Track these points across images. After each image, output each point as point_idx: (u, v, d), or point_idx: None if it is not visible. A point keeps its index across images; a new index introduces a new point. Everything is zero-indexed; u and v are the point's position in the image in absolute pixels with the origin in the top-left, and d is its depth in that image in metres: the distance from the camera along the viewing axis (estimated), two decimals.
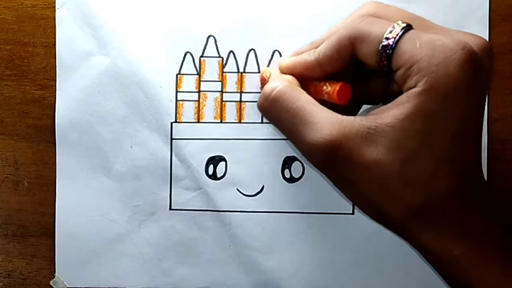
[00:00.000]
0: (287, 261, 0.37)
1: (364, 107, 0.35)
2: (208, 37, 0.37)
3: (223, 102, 0.37)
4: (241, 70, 0.37)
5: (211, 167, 0.37)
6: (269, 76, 0.35)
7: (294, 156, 0.37)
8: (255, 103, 0.37)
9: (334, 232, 0.37)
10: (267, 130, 0.37)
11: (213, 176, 0.37)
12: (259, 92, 0.37)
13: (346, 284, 0.37)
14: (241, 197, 0.37)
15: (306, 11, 0.37)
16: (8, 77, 0.39)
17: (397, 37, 0.27)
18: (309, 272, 0.37)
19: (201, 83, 0.37)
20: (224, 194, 0.37)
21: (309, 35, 0.37)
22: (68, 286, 0.38)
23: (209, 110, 0.37)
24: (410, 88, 0.26)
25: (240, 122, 0.37)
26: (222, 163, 0.37)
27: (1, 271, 0.39)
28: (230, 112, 0.37)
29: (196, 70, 0.37)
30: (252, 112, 0.37)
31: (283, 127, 0.31)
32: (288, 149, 0.37)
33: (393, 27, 0.27)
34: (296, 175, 0.37)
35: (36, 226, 0.39)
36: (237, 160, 0.37)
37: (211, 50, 0.37)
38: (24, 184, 0.39)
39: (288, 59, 0.33)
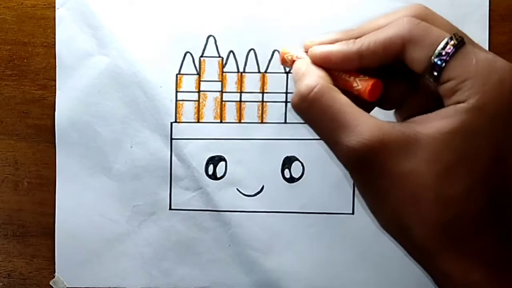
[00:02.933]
0: (287, 261, 0.37)
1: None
2: (208, 37, 0.37)
3: (223, 102, 0.37)
4: (241, 70, 0.37)
5: (211, 167, 0.37)
6: (291, 59, 0.33)
7: (294, 156, 0.37)
8: (254, 103, 0.37)
9: (334, 232, 0.37)
10: (267, 130, 0.37)
11: (213, 176, 0.37)
12: (259, 92, 0.37)
13: (346, 284, 0.37)
14: (241, 197, 0.37)
15: (306, 11, 0.37)
16: (8, 77, 0.39)
17: (454, 49, 0.26)
18: (309, 272, 0.37)
19: (201, 83, 0.37)
20: (224, 194, 0.37)
21: (309, 35, 0.37)
22: (68, 286, 0.38)
23: (209, 110, 0.37)
24: (458, 103, 0.26)
25: (240, 122, 0.37)
26: (222, 163, 0.37)
27: (1, 271, 0.39)
28: (230, 112, 0.37)
29: (196, 70, 0.37)
30: (252, 112, 0.37)
31: (319, 129, 0.30)
32: (288, 149, 0.37)
33: (451, 38, 0.27)
34: (296, 175, 0.37)
35: (36, 226, 0.39)
36: (237, 160, 0.37)
37: (211, 50, 0.37)
38: (24, 184, 0.39)
39: (322, 48, 0.30)
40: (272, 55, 0.37)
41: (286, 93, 0.37)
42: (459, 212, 0.26)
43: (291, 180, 0.37)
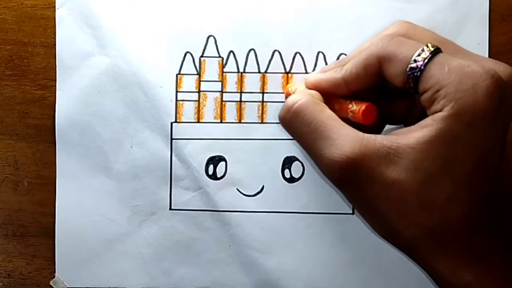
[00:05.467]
0: (287, 261, 0.37)
1: (387, 127, 0.34)
2: (208, 37, 0.37)
3: (223, 102, 0.37)
4: (241, 70, 0.37)
5: (211, 167, 0.37)
6: (295, 91, 0.34)
7: (294, 156, 0.37)
8: (255, 103, 0.37)
9: (334, 232, 0.37)
10: (267, 130, 0.37)
11: (213, 176, 0.37)
12: (259, 92, 0.37)
13: (345, 284, 0.37)
14: (241, 197, 0.37)
15: (306, 11, 0.37)
16: (8, 77, 0.39)
17: (426, 60, 0.27)
18: (309, 272, 0.37)
19: (201, 83, 0.37)
20: (224, 194, 0.37)
21: (309, 35, 0.37)
22: (68, 286, 0.38)
23: (209, 110, 0.37)
24: (436, 112, 0.26)
25: (240, 122, 0.37)
26: (222, 163, 0.37)
27: (1, 271, 0.39)
28: (230, 112, 0.37)
29: (196, 70, 0.37)
30: (252, 112, 0.37)
31: (303, 141, 0.31)
32: (288, 149, 0.37)
33: (423, 49, 0.27)
34: (296, 175, 0.37)
35: (36, 226, 0.39)
36: (237, 160, 0.37)
37: (211, 50, 0.37)
38: (24, 184, 0.39)
39: (314, 75, 0.33)
40: (272, 55, 0.37)
41: None
42: (444, 217, 0.26)
43: (291, 180, 0.37)
